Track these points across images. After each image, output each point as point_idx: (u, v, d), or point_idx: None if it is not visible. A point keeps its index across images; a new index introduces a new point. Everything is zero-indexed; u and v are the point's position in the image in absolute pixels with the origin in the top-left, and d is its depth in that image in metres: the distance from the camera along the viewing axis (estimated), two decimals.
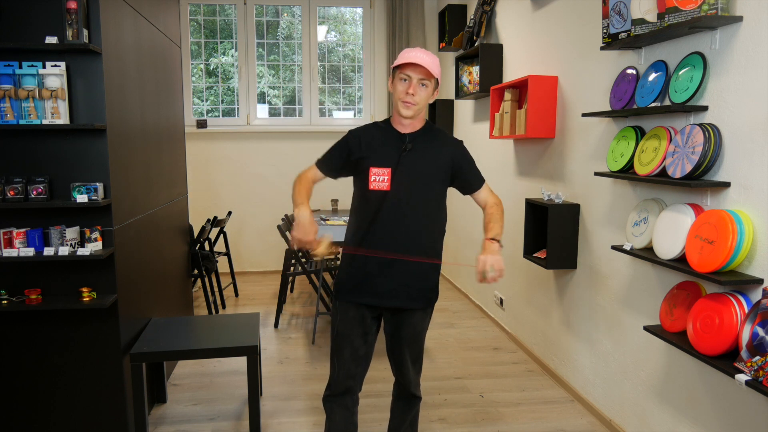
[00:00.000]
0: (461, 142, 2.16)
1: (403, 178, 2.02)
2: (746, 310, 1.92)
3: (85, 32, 2.31)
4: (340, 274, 2.17)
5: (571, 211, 3.14)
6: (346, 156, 2.10)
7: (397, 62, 1.98)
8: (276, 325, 4.42)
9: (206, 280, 4.61)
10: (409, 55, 1.96)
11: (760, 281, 1.93)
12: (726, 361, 1.94)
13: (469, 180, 2.14)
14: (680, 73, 2.25)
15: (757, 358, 1.79)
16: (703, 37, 2.18)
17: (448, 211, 2.22)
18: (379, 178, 2.02)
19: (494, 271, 1.93)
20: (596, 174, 2.73)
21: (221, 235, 5.18)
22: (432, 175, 2.06)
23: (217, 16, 5.93)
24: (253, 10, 5.88)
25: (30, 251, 2.36)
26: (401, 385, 2.28)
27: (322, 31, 6.12)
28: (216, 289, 5.09)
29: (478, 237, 4.84)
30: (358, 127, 2.14)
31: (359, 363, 2.15)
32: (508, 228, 4.14)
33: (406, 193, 2.03)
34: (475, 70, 4.50)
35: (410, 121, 2.04)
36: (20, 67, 2.30)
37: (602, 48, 2.66)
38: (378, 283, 2.07)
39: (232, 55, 6.00)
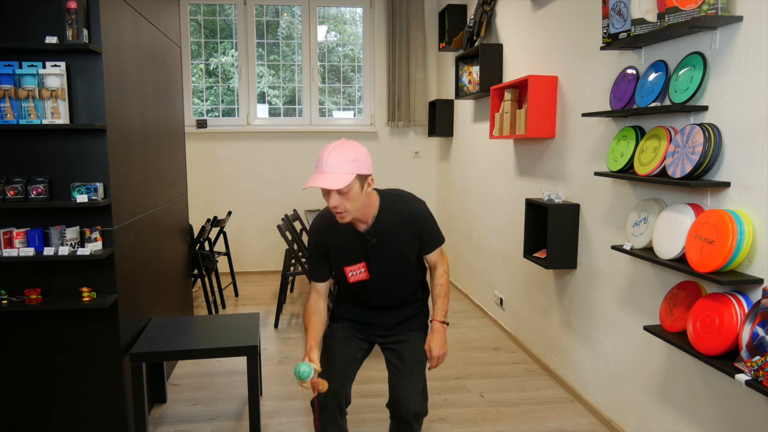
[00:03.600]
0: (421, 203, 2.12)
1: (378, 266, 2.09)
2: (746, 310, 1.92)
3: (85, 32, 2.31)
4: (335, 308, 2.28)
5: (571, 211, 3.14)
6: (325, 254, 2.13)
7: (306, 186, 1.88)
8: (276, 325, 4.42)
9: (206, 280, 4.61)
10: (318, 165, 1.88)
11: (760, 281, 1.93)
12: (726, 361, 1.94)
13: (426, 243, 2.15)
14: (680, 73, 2.25)
15: (757, 358, 1.79)
16: (703, 37, 2.18)
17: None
18: (356, 272, 2.10)
19: (439, 354, 2.08)
20: (596, 174, 2.73)
21: (221, 235, 5.19)
22: (405, 252, 2.11)
23: (217, 16, 5.94)
24: (253, 10, 5.88)
25: (30, 251, 2.36)
26: (403, 421, 2.04)
27: (322, 31, 6.13)
28: (216, 289, 5.10)
29: (476, 237, 4.84)
30: (314, 223, 2.12)
31: (348, 380, 2.11)
32: (509, 228, 4.15)
33: (386, 276, 2.11)
34: (475, 70, 4.50)
35: (362, 215, 2.00)
36: (20, 67, 2.30)
37: (602, 48, 2.66)
38: (371, 325, 2.21)
39: (232, 55, 6.01)
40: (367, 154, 1.92)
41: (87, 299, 2.44)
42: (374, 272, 2.09)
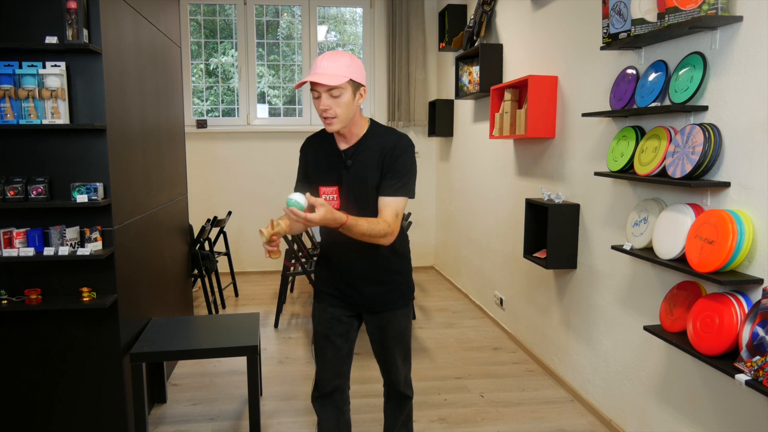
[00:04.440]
0: (400, 143, 1.94)
1: (349, 194, 1.97)
2: (746, 310, 1.92)
3: (85, 32, 2.31)
4: (316, 280, 2.19)
5: (571, 211, 3.14)
6: (306, 171, 2.07)
7: (298, 83, 1.88)
8: (276, 325, 4.42)
9: (206, 280, 4.61)
10: (311, 68, 1.85)
11: (760, 281, 1.93)
12: (726, 361, 1.94)
13: (384, 183, 1.92)
14: (680, 73, 2.25)
15: (757, 358, 1.79)
16: (703, 37, 2.18)
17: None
18: (329, 197, 1.99)
19: (306, 220, 1.69)
20: (596, 174, 2.73)
21: (221, 235, 5.19)
22: (369, 187, 1.96)
23: (217, 16, 5.94)
24: (253, 10, 5.88)
25: (30, 251, 2.36)
26: (391, 386, 2.26)
27: (322, 31, 6.12)
28: (216, 289, 5.10)
29: (476, 237, 4.84)
30: (308, 137, 2.09)
31: (344, 361, 2.15)
32: (509, 228, 4.15)
33: (355, 207, 1.96)
34: (475, 70, 4.50)
35: (347, 130, 1.93)
36: (20, 67, 2.30)
37: (602, 48, 2.66)
38: (352, 293, 2.08)
39: (232, 55, 6.01)
40: (362, 65, 1.91)
41: (87, 299, 2.44)
42: (343, 201, 1.97)
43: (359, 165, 1.96)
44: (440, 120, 5.56)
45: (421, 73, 5.96)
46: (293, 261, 4.42)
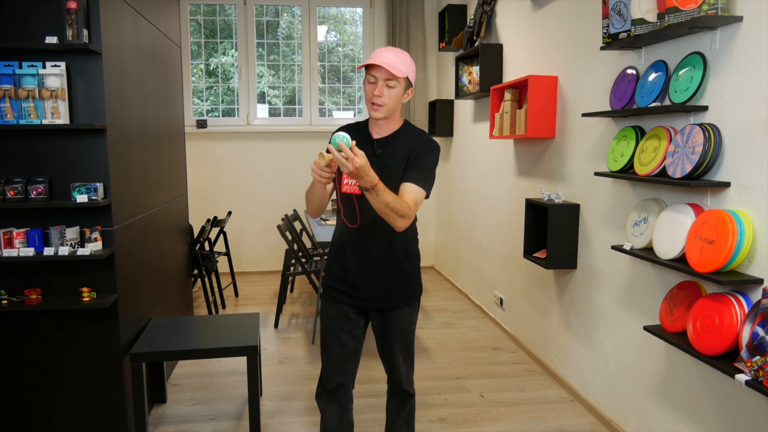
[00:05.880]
0: (429, 142, 2.03)
1: None
2: (746, 310, 1.92)
3: (85, 32, 2.31)
4: (325, 275, 2.22)
5: (571, 211, 3.14)
6: None
7: (362, 64, 1.95)
8: (276, 325, 4.42)
9: (206, 280, 4.61)
10: (375, 55, 1.94)
11: (760, 281, 1.93)
12: (726, 361, 1.94)
13: (408, 171, 1.99)
14: (680, 73, 2.25)
15: (757, 358, 1.79)
16: (703, 37, 2.18)
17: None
18: (351, 182, 2.03)
19: (351, 160, 1.72)
20: (596, 174, 2.73)
21: (221, 235, 5.19)
22: (394, 178, 2.00)
23: (217, 16, 5.94)
24: (253, 10, 5.88)
25: (30, 251, 2.36)
26: (393, 383, 2.29)
27: (322, 31, 6.13)
28: (216, 289, 5.10)
29: (476, 237, 4.84)
30: (342, 125, 2.15)
31: (349, 358, 2.17)
32: (509, 228, 4.15)
33: None
34: (475, 70, 4.50)
35: (384, 122, 2.02)
36: (20, 67, 2.30)
37: (602, 48, 2.66)
38: (360, 288, 2.11)
39: (232, 55, 6.01)
40: (415, 69, 2.04)
41: (87, 299, 2.44)
42: None
43: (387, 155, 2.03)
44: (440, 120, 5.56)
45: (421, 73, 5.96)
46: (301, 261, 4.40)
